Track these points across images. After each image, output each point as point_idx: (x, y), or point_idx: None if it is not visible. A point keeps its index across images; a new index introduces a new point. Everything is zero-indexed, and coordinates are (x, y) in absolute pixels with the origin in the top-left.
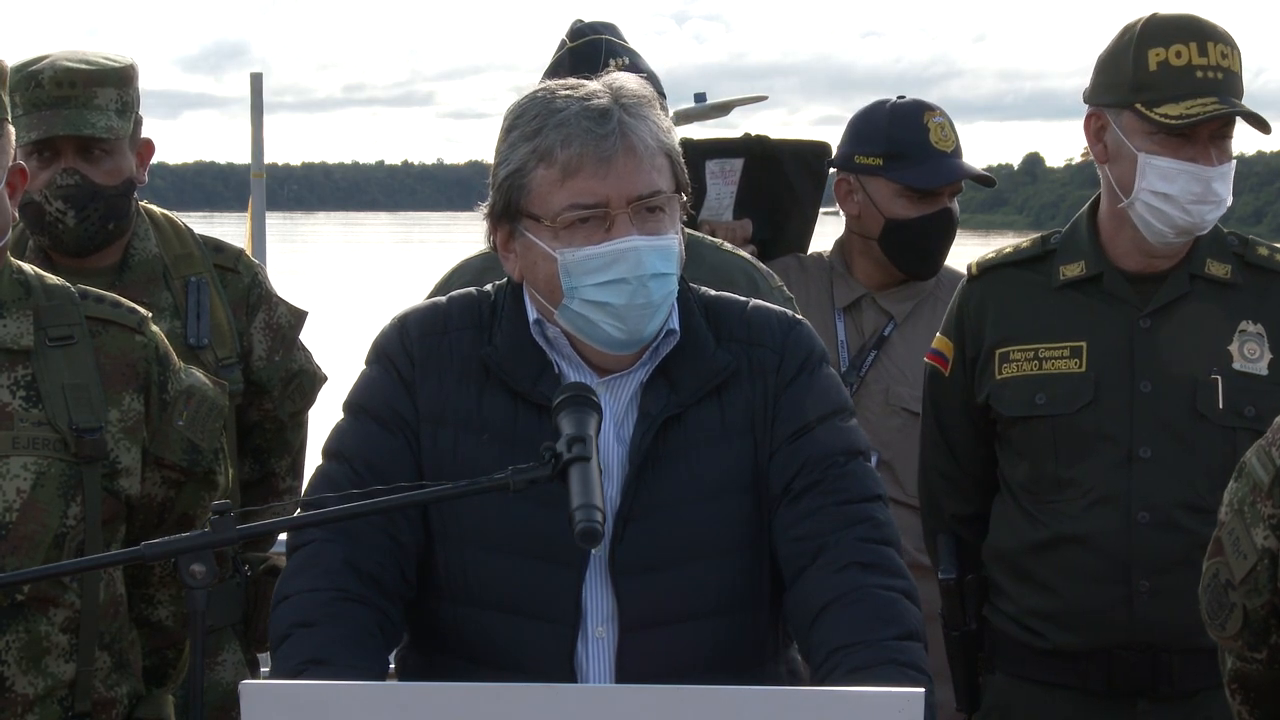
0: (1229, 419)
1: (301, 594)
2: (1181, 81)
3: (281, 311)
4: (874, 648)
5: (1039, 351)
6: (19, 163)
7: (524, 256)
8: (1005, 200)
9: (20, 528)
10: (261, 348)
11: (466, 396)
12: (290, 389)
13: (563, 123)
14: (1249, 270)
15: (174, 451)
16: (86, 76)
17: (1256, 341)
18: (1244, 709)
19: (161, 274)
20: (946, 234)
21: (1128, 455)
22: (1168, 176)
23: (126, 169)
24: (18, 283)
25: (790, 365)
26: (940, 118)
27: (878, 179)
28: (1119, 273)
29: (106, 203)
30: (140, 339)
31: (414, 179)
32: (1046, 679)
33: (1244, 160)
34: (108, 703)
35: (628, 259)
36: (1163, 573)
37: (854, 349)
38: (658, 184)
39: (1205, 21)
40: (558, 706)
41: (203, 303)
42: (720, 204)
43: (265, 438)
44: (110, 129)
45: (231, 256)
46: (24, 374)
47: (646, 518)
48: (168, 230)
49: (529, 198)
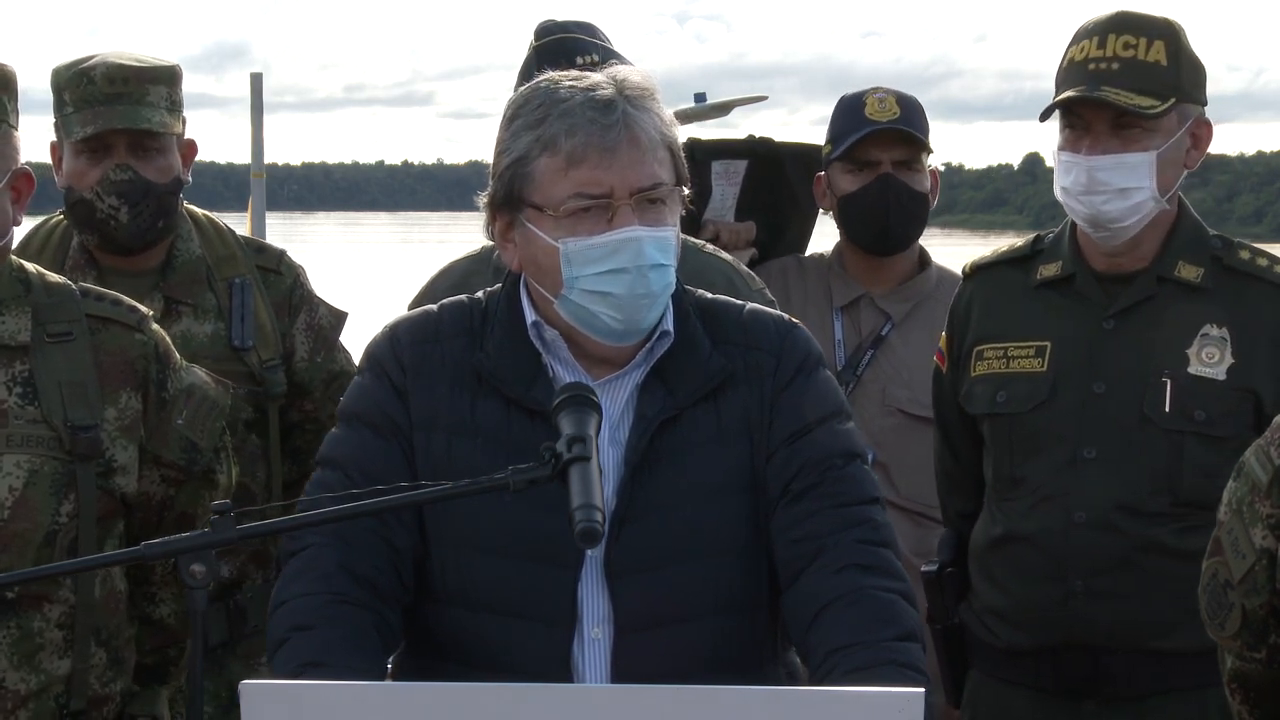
0: (1175, 422)
1: (298, 598)
2: (1072, 76)
3: (323, 313)
4: (873, 648)
5: (1008, 350)
6: (24, 167)
7: (524, 247)
8: (1005, 200)
9: (11, 525)
10: (304, 349)
11: (459, 403)
12: (331, 390)
13: (567, 112)
14: (1225, 274)
15: (172, 450)
16: (139, 73)
17: (1218, 345)
18: (1244, 709)
19: (205, 275)
20: (891, 203)
21: (1073, 456)
22: (1063, 170)
23: (175, 167)
24: (17, 280)
25: (787, 368)
26: (883, 94)
27: (832, 165)
28: (1091, 273)
29: (158, 200)
30: (140, 337)
31: (414, 179)
32: (1008, 677)
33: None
34: (102, 700)
35: (629, 249)
36: (1098, 573)
37: (851, 348)
38: (660, 176)
39: (1129, 15)
40: (556, 707)
41: (246, 304)
42: (724, 205)
43: (305, 439)
44: (164, 124)
45: (273, 257)
46: (21, 370)
47: (642, 519)
48: (210, 231)
49: (531, 186)
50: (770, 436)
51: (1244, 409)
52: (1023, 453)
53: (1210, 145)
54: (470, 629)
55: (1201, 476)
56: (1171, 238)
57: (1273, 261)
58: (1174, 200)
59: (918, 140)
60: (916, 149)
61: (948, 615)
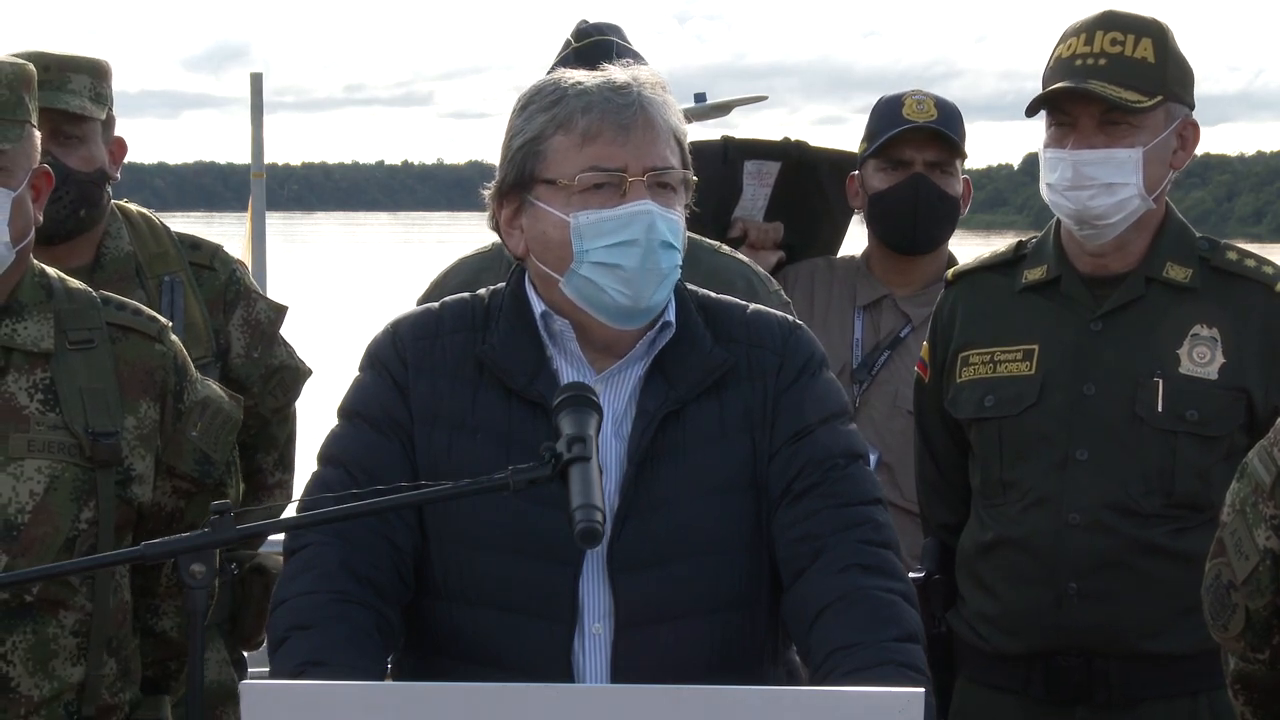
0: (1167, 422)
1: (299, 597)
2: (1059, 72)
3: (261, 307)
4: (873, 648)
5: (995, 355)
6: (44, 165)
7: (532, 228)
8: (1005, 200)
9: (32, 530)
10: (240, 344)
11: (460, 397)
12: (271, 385)
13: (583, 93)
14: (1213, 274)
15: (186, 462)
16: (60, 62)
17: (1208, 345)
18: (1247, 710)
19: (135, 272)
20: (921, 202)
21: (1065, 457)
22: (1050, 165)
23: (99, 158)
24: (39, 285)
25: (791, 368)
26: (922, 96)
27: (866, 163)
28: (1077, 276)
29: (78, 188)
30: (160, 348)
31: (414, 179)
32: (997, 684)
33: (1244, 160)
34: (111, 709)
35: (641, 220)
36: (1092, 575)
37: (868, 348)
38: (671, 160)
39: (1116, 14)
40: (556, 706)
41: (176, 302)
42: (754, 205)
43: (249, 434)
44: (83, 108)
45: (207, 253)
46: (43, 377)
47: (644, 514)
48: (143, 228)
49: (544, 163)
50: (772, 436)
51: (1236, 409)
52: (1012, 456)
53: (1205, 146)
54: (471, 625)
55: (1194, 476)
56: (1159, 238)
57: (1260, 262)
58: (1161, 201)
59: (952, 143)
60: (951, 152)
61: (934, 623)
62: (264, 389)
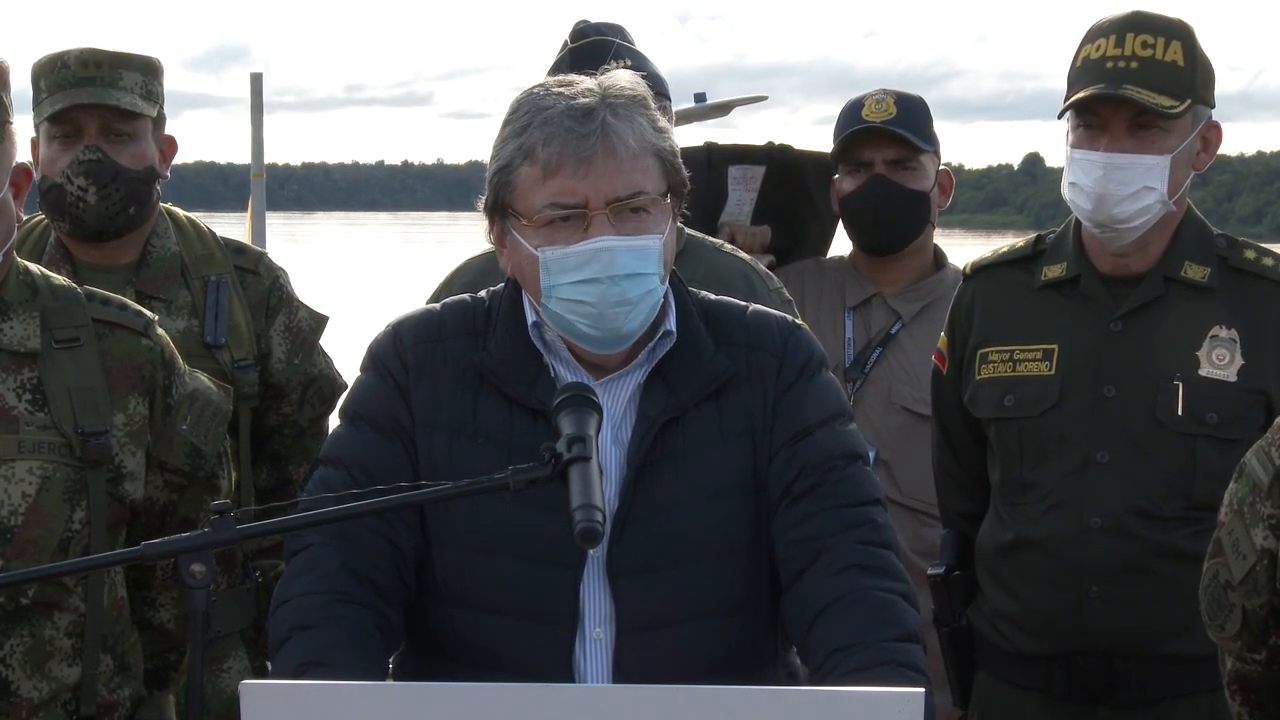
0: (1187, 425)
1: (300, 597)
2: (1091, 73)
3: (303, 315)
4: (873, 649)
5: (1014, 353)
6: (23, 162)
7: (513, 254)
8: (1005, 200)
9: (25, 531)
10: (281, 350)
11: (461, 403)
12: (310, 393)
13: (546, 121)
14: (1231, 274)
15: (177, 455)
16: (112, 58)
17: (1227, 347)
18: (1244, 710)
19: (180, 271)
20: (881, 203)
21: (1085, 460)
22: (1078, 167)
23: (149, 155)
24: (24, 284)
25: (790, 370)
26: (882, 96)
27: (838, 166)
28: (1096, 275)
29: (128, 184)
30: (146, 342)
31: (414, 179)
32: (1019, 681)
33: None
34: (111, 706)
35: (600, 259)
36: (1114, 579)
37: (860, 347)
38: (640, 184)
39: (1145, 15)
40: (556, 707)
41: (221, 302)
42: (740, 209)
43: (284, 443)
44: (134, 105)
45: (253, 259)
46: (30, 377)
47: (644, 519)
48: (190, 231)
49: (514, 194)
50: (772, 438)
51: (1255, 411)
52: (1033, 457)
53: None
54: (472, 629)
55: (1214, 479)
56: (1177, 238)
57: (1278, 260)
58: (1181, 201)
59: (909, 140)
60: (910, 149)
61: (955, 617)
62: (302, 397)
